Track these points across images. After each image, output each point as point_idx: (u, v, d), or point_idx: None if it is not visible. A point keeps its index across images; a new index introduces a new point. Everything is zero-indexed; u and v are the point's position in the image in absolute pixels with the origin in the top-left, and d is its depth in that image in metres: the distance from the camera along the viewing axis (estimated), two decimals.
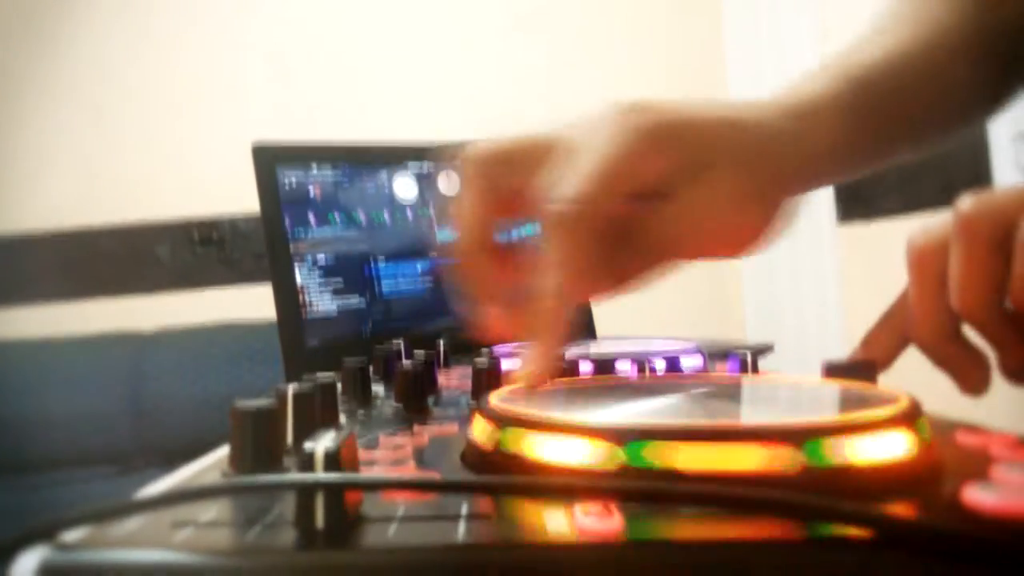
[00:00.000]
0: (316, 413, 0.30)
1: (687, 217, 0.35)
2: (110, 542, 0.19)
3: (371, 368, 0.44)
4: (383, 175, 0.71)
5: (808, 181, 0.39)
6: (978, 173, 1.23)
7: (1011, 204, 0.30)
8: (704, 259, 0.36)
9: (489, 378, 0.37)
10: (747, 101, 0.38)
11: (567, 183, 0.33)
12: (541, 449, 0.23)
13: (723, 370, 0.44)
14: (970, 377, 0.35)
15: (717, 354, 0.47)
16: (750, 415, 0.29)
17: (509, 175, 0.36)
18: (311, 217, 0.66)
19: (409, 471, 0.26)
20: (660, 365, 0.43)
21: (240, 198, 1.10)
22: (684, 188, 0.34)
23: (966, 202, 0.31)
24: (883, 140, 0.44)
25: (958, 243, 0.31)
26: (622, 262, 0.36)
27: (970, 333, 0.34)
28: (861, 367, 0.33)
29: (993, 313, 0.31)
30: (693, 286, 1.59)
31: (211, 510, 0.21)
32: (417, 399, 0.38)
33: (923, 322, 0.34)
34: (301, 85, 1.94)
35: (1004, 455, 0.25)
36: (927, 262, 0.34)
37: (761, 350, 0.53)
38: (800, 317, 1.67)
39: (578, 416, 0.24)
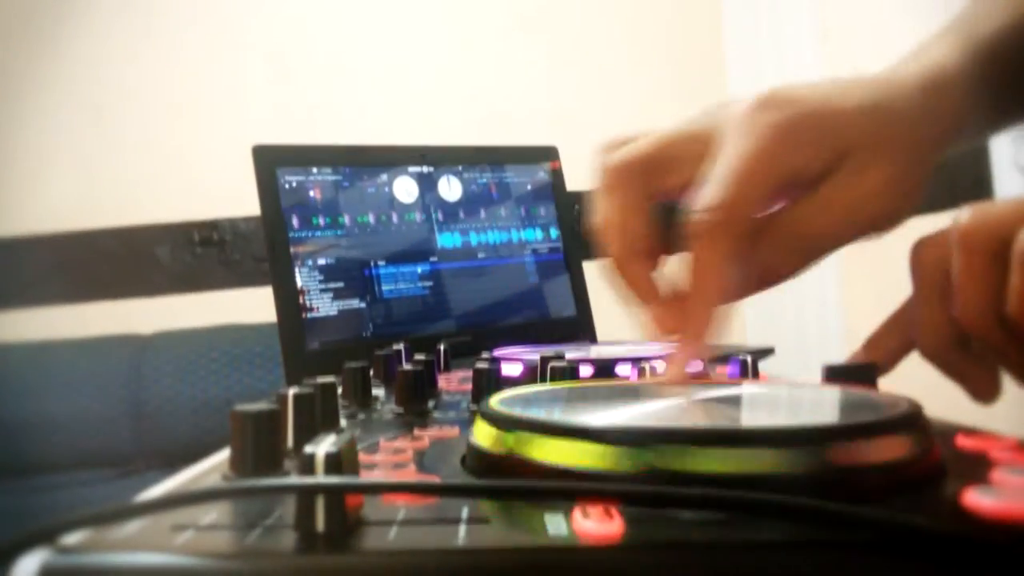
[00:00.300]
0: (316, 416, 0.30)
1: (832, 208, 0.35)
2: (110, 545, 0.19)
3: (371, 371, 0.44)
4: (383, 177, 0.71)
5: (940, 153, 0.39)
6: (979, 174, 1.23)
7: (1009, 216, 0.30)
8: (846, 245, 0.36)
9: (489, 381, 0.37)
10: (878, 78, 0.38)
11: (706, 191, 0.33)
12: (542, 452, 0.23)
13: (723, 373, 0.44)
14: (978, 384, 0.35)
15: (717, 357, 0.47)
16: (751, 419, 0.29)
17: (650, 182, 0.37)
18: (311, 219, 0.66)
19: (410, 474, 0.26)
20: (660, 368, 0.43)
21: (240, 200, 1.10)
22: (826, 179, 0.35)
23: (965, 214, 0.31)
24: (1009, 108, 0.45)
25: (958, 255, 0.31)
26: (766, 258, 0.36)
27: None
28: (861, 370, 0.33)
29: (993, 324, 0.31)
30: None
31: (211, 513, 0.21)
32: (418, 402, 0.38)
33: (926, 331, 0.34)
34: (301, 86, 1.94)
35: (1004, 458, 0.25)
36: (930, 272, 0.34)
37: (761, 353, 0.53)
38: (800, 319, 1.67)
39: (579, 419, 0.24)
